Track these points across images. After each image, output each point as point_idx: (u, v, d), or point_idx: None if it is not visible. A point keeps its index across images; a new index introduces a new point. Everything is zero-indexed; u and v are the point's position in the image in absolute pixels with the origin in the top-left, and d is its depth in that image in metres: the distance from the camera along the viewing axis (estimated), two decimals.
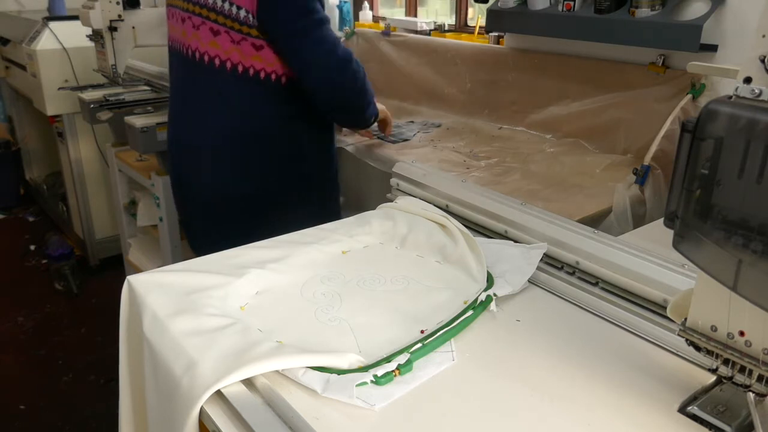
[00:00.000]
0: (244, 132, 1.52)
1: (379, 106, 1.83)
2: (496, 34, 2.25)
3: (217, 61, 1.47)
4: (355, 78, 1.51)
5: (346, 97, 1.53)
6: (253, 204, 1.57)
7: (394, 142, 1.96)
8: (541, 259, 0.98)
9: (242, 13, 1.41)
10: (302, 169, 1.59)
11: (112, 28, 2.35)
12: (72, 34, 2.87)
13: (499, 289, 0.90)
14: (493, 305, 0.88)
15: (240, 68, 1.46)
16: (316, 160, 1.63)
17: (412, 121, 2.25)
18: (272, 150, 1.54)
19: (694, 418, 0.68)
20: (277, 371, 0.73)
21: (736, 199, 0.57)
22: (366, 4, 2.91)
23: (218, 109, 1.53)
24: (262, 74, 1.46)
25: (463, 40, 2.41)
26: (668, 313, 0.70)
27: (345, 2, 2.76)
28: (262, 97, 1.49)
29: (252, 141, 1.53)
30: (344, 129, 2.00)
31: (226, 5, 1.42)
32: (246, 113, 1.51)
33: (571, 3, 1.80)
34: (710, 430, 0.66)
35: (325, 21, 1.46)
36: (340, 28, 2.75)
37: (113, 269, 3.05)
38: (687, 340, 0.67)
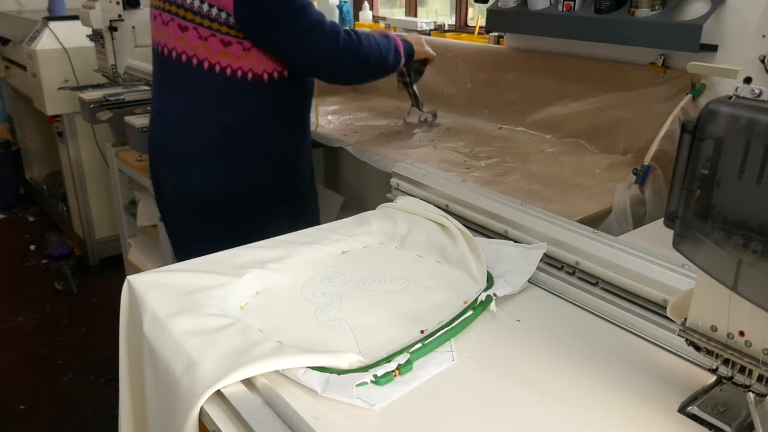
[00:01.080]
0: (211, 130, 1.50)
1: (411, 37, 1.76)
2: (496, 34, 2.25)
3: (183, 57, 1.46)
4: (348, 52, 1.48)
5: (352, 72, 1.54)
6: (225, 204, 1.54)
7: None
8: (541, 259, 0.97)
9: (214, 11, 1.39)
10: (273, 168, 1.56)
11: (112, 28, 2.36)
12: (72, 34, 2.87)
13: (499, 289, 0.90)
14: (493, 305, 0.88)
15: (206, 64, 1.44)
16: (288, 160, 1.60)
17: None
18: (240, 148, 1.51)
19: (694, 418, 0.68)
20: (277, 371, 0.73)
21: (736, 199, 0.57)
22: (366, 4, 2.91)
23: (185, 106, 1.52)
24: (228, 71, 1.44)
25: (463, 40, 2.41)
26: (668, 313, 0.70)
27: (345, 2, 2.76)
28: (228, 94, 1.47)
29: (219, 139, 1.50)
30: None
31: (196, 2, 1.41)
32: (212, 110, 1.49)
33: (571, 3, 1.80)
34: (710, 430, 0.66)
35: (306, 6, 1.42)
36: None
37: (113, 269, 3.05)
38: (687, 340, 0.67)
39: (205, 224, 1.58)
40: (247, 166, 1.53)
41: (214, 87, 1.46)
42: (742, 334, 0.61)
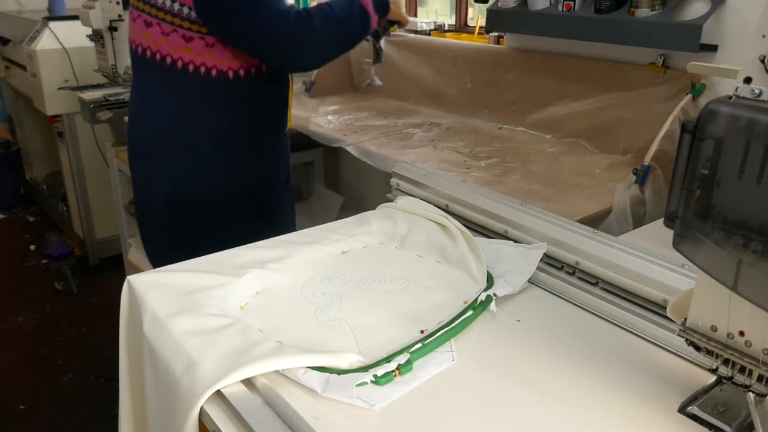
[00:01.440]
0: (176, 128, 1.46)
1: None
2: (496, 34, 2.25)
3: (148, 53, 1.44)
4: (313, 37, 1.39)
5: (316, 54, 1.46)
6: (186, 206, 1.49)
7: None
8: (541, 259, 0.98)
9: (176, 6, 1.37)
10: (237, 169, 1.51)
11: (112, 28, 2.36)
12: (72, 34, 2.87)
13: (499, 289, 0.90)
14: (493, 305, 0.88)
15: (168, 60, 1.41)
16: (255, 161, 1.54)
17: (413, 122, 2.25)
18: (202, 147, 1.47)
19: (694, 418, 0.68)
20: (277, 371, 0.73)
21: (736, 199, 0.57)
22: None
23: (151, 102, 1.49)
24: (191, 67, 1.40)
25: (463, 40, 2.41)
26: (668, 313, 0.70)
27: None
28: (192, 90, 1.43)
29: (183, 136, 1.46)
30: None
31: None
32: (176, 106, 1.46)
33: (571, 3, 1.80)
34: (710, 430, 0.66)
35: None
36: None
37: (113, 269, 3.05)
38: (687, 340, 0.67)
39: (171, 225, 1.53)
40: (211, 166, 1.48)
41: (178, 83, 1.43)
42: (742, 334, 0.61)
